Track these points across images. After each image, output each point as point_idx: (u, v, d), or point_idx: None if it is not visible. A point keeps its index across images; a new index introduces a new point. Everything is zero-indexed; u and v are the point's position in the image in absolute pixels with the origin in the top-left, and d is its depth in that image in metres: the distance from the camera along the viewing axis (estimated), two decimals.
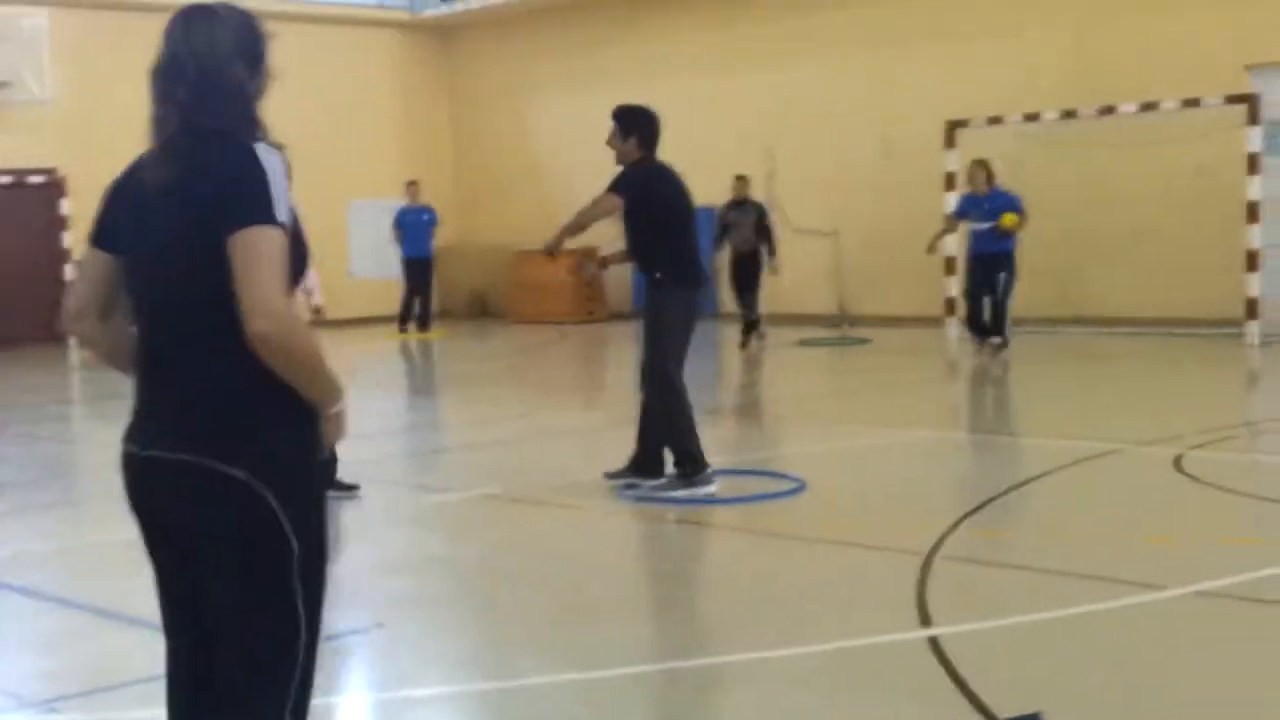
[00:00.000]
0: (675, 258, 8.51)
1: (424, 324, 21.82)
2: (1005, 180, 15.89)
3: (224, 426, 3.00)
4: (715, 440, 8.70)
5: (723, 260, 18.04)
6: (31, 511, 8.83)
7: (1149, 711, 4.61)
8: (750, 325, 17.73)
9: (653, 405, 8.54)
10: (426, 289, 21.87)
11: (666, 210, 8.49)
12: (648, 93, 9.41)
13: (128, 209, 3.16)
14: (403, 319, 21.87)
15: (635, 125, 8.57)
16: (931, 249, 16.41)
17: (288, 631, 3.15)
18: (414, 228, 21.73)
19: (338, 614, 6.02)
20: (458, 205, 25.91)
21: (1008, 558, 6.63)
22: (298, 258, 3.09)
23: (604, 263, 9.54)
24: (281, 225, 2.99)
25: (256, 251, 2.94)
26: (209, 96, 3.09)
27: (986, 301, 15.58)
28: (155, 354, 3.12)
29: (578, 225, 8.61)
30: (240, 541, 3.07)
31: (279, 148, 3.10)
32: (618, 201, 8.38)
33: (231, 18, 3.16)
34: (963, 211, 15.97)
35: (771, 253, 17.59)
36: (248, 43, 3.17)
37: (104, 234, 3.22)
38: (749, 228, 17.48)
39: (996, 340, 15.60)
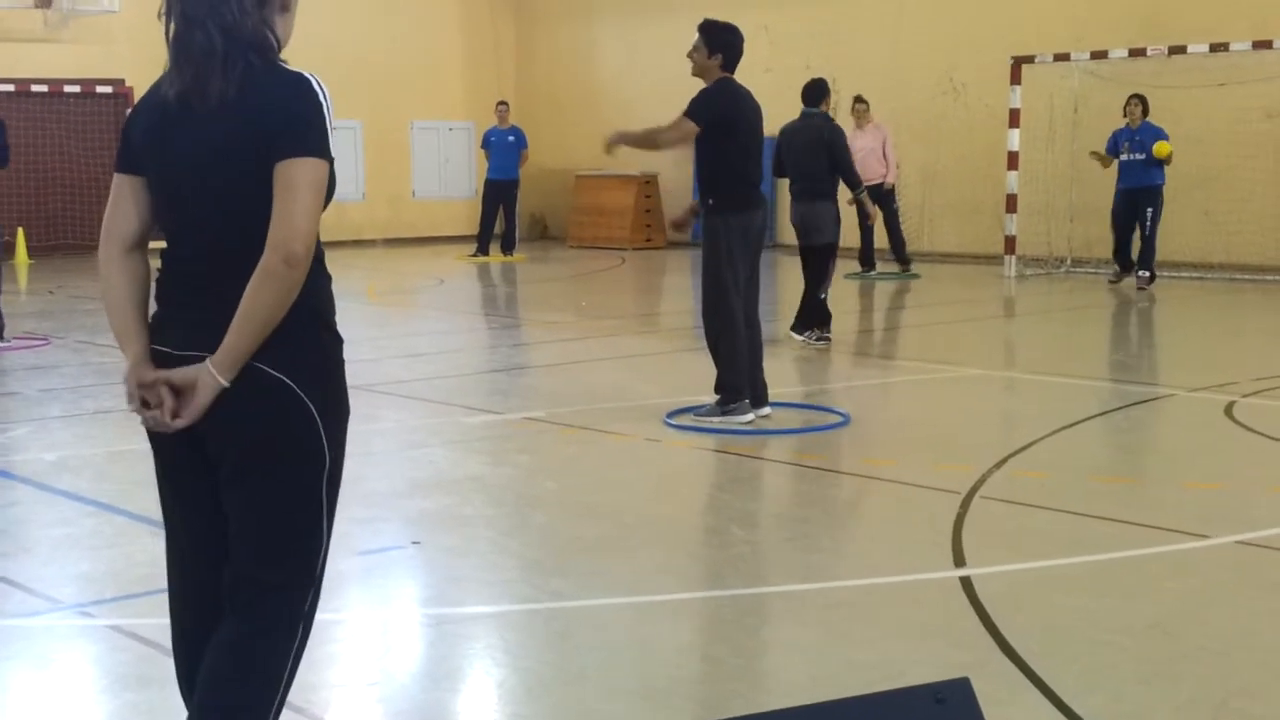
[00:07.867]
0: (732, 182, 8.33)
1: (509, 246, 21.68)
2: (1074, 117, 15.70)
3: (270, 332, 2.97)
4: (765, 371, 8.67)
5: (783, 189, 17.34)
6: (82, 418, 8.92)
7: (1178, 659, 4.57)
8: None
9: (706, 330, 8.51)
10: (512, 210, 21.69)
11: (734, 136, 8.27)
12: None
13: (159, 129, 3.08)
14: (482, 243, 21.62)
15: (721, 43, 8.31)
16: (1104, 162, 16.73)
17: (314, 542, 3.17)
18: (500, 149, 21.64)
19: (374, 530, 6.09)
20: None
21: (1049, 500, 6.57)
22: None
23: (694, 210, 9.02)
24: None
25: (305, 182, 2.94)
26: (250, 16, 3.03)
27: (1134, 236, 16.19)
28: (194, 263, 3.08)
29: (648, 141, 8.45)
30: (279, 446, 3.06)
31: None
32: (694, 128, 8.21)
33: None
34: (1114, 145, 16.36)
35: None
36: None
37: (135, 157, 3.14)
38: None
39: (1144, 274, 16.18)
